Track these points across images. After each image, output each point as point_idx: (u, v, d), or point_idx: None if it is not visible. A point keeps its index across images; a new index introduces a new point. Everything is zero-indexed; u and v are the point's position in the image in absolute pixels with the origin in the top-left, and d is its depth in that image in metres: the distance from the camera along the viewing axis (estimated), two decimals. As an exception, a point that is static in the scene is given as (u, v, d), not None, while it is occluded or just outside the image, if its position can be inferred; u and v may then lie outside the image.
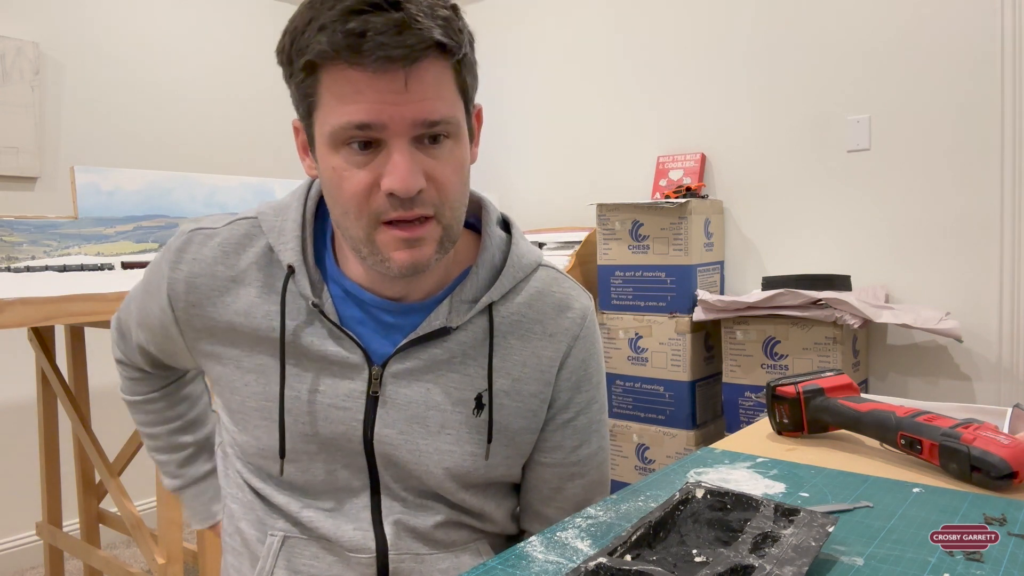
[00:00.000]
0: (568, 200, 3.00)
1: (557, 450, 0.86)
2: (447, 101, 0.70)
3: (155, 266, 0.85)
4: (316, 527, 0.79)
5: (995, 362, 2.14)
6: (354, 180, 0.69)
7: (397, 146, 0.68)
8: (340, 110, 0.67)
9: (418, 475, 0.79)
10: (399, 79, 0.66)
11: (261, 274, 0.79)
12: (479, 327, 0.80)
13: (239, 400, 0.80)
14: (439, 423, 0.79)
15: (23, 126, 2.49)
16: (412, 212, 0.70)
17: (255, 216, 0.82)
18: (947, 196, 2.19)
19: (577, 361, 0.84)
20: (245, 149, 3.09)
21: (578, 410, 0.86)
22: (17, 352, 2.40)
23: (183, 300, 0.80)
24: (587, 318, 0.85)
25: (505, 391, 0.81)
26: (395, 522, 0.79)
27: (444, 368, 0.79)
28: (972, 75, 2.13)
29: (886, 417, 0.88)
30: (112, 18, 2.74)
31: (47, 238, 1.80)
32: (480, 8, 3.27)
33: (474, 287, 0.80)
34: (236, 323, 0.79)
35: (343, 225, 0.73)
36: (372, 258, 0.73)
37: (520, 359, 0.81)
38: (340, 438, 0.78)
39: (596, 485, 0.89)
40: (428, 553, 0.80)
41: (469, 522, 0.84)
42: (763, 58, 2.51)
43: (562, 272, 0.88)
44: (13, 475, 2.50)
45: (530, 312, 0.82)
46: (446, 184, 0.71)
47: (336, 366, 0.78)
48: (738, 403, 2.26)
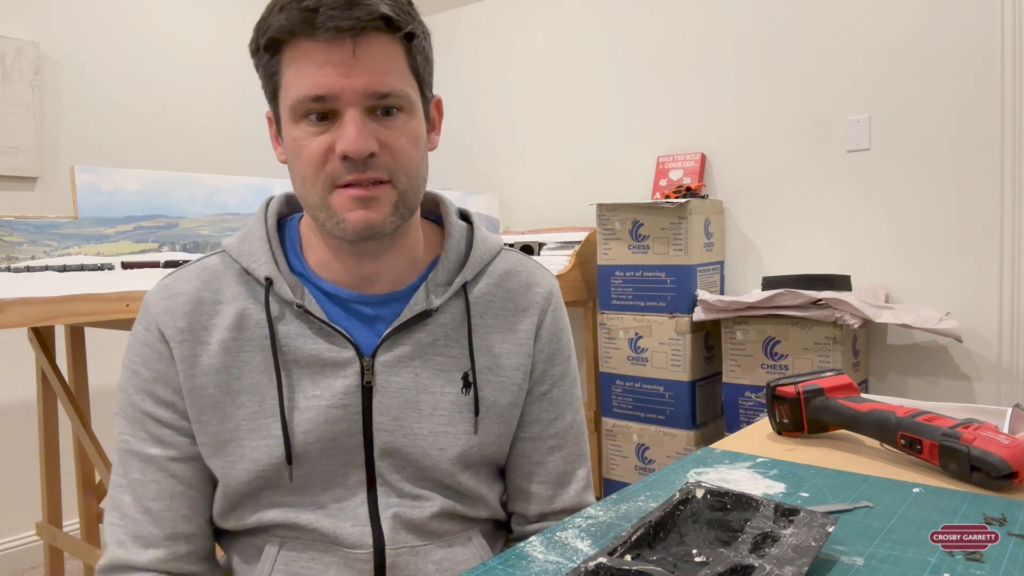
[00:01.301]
0: (568, 200, 3.00)
1: (535, 423, 0.89)
2: (397, 75, 0.74)
3: (137, 327, 0.82)
4: (315, 527, 0.80)
5: (995, 362, 2.14)
6: (311, 147, 0.74)
7: (350, 113, 0.72)
8: (298, 83, 0.73)
9: (415, 459, 0.81)
10: (347, 49, 0.71)
11: (243, 289, 0.81)
12: (456, 309, 0.84)
13: (231, 427, 0.79)
14: (431, 406, 0.82)
15: (23, 126, 2.49)
16: (365, 175, 0.74)
17: (222, 251, 0.85)
18: (947, 196, 2.19)
19: (549, 333, 0.89)
20: (245, 149, 3.09)
21: (552, 382, 0.90)
22: (17, 352, 2.40)
23: (171, 328, 0.79)
24: (553, 293, 0.91)
25: (489, 367, 0.85)
26: (392, 516, 0.81)
27: (430, 352, 0.83)
28: (972, 75, 2.13)
29: (886, 417, 0.88)
30: (112, 18, 2.74)
31: (47, 238, 1.80)
32: (480, 8, 3.27)
33: (446, 271, 0.85)
34: (227, 340, 0.79)
35: (301, 194, 0.78)
36: (329, 222, 0.76)
37: (498, 335, 0.86)
38: (342, 434, 0.80)
39: (575, 457, 0.92)
40: (423, 545, 0.82)
41: (463, 511, 0.85)
42: (763, 58, 2.51)
43: (524, 255, 0.93)
44: (13, 475, 2.50)
45: (499, 291, 0.87)
46: (399, 150, 0.75)
47: (329, 366, 0.80)
48: (738, 403, 2.26)
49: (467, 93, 3.31)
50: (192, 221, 2.10)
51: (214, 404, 0.79)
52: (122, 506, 0.80)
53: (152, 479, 0.80)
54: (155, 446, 0.80)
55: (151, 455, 0.80)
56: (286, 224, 0.88)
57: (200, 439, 0.80)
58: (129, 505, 0.80)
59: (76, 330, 2.04)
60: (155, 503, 0.80)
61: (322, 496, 0.81)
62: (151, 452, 0.80)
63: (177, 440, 0.80)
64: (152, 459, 0.80)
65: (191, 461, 0.81)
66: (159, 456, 0.80)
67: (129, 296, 1.64)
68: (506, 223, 3.22)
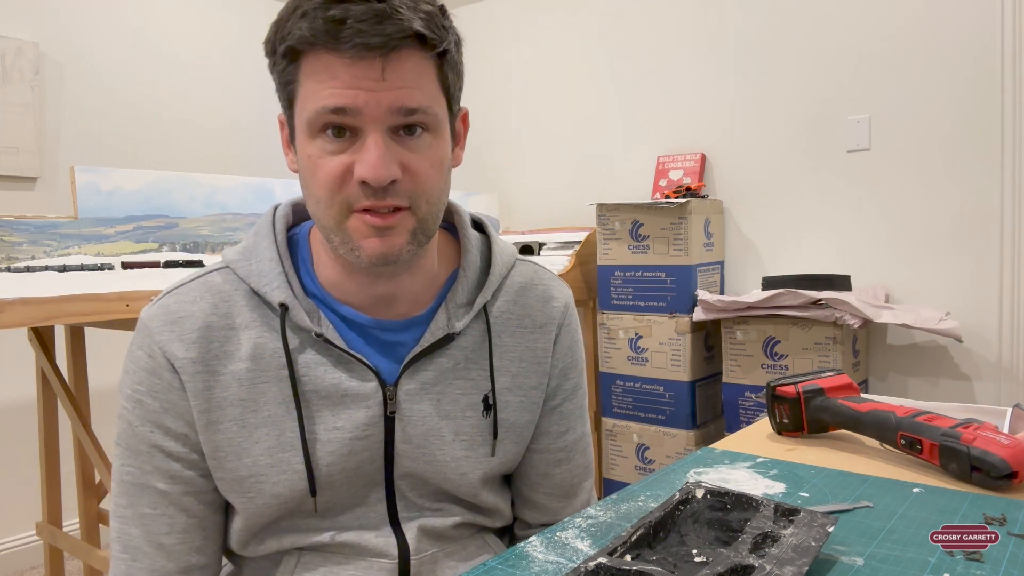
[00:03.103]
0: (568, 200, 3.00)
1: (544, 436, 0.88)
2: (426, 92, 0.69)
3: (137, 352, 0.75)
4: (338, 541, 0.78)
5: (995, 362, 2.14)
6: (328, 167, 0.69)
7: (372, 134, 0.67)
8: (317, 95, 0.67)
9: (436, 483, 0.80)
10: (376, 67, 0.66)
11: (256, 315, 0.76)
12: (476, 330, 0.81)
13: (249, 463, 0.75)
14: (453, 431, 0.80)
15: (23, 126, 2.49)
16: (384, 202, 0.69)
17: (225, 266, 0.78)
18: (947, 196, 2.19)
19: (564, 348, 0.87)
20: (245, 149, 3.09)
21: (565, 396, 0.88)
22: (17, 352, 2.40)
23: (182, 358, 0.73)
24: (569, 307, 0.89)
25: (508, 388, 0.83)
26: (416, 527, 0.80)
27: (451, 376, 0.80)
28: (972, 75, 2.13)
29: (886, 417, 0.88)
30: (112, 18, 2.74)
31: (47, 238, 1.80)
32: (480, 8, 3.27)
33: (465, 290, 0.81)
34: (241, 372, 0.74)
35: (316, 214, 0.73)
36: (343, 247, 0.71)
37: (516, 354, 0.84)
38: (365, 463, 0.78)
39: (581, 469, 0.91)
40: (443, 550, 0.82)
41: (482, 521, 0.85)
42: (763, 58, 2.51)
43: (538, 264, 0.90)
44: (13, 475, 2.50)
45: (517, 308, 0.84)
46: (422, 176, 0.70)
47: (350, 396, 0.76)
48: (738, 403, 2.26)
49: (467, 93, 3.30)
50: (192, 221, 2.10)
51: (230, 440, 0.74)
52: (130, 540, 0.75)
53: (163, 513, 0.75)
54: (165, 480, 0.75)
55: (161, 489, 0.75)
56: (296, 238, 0.82)
57: (216, 474, 0.76)
58: (139, 539, 0.75)
59: (76, 330, 2.04)
60: (167, 537, 0.75)
61: (342, 516, 0.79)
62: (161, 487, 0.75)
63: (188, 474, 0.76)
64: (163, 493, 0.75)
65: (202, 493, 0.77)
66: (170, 491, 0.75)
67: (129, 296, 1.64)
68: (506, 223, 3.22)
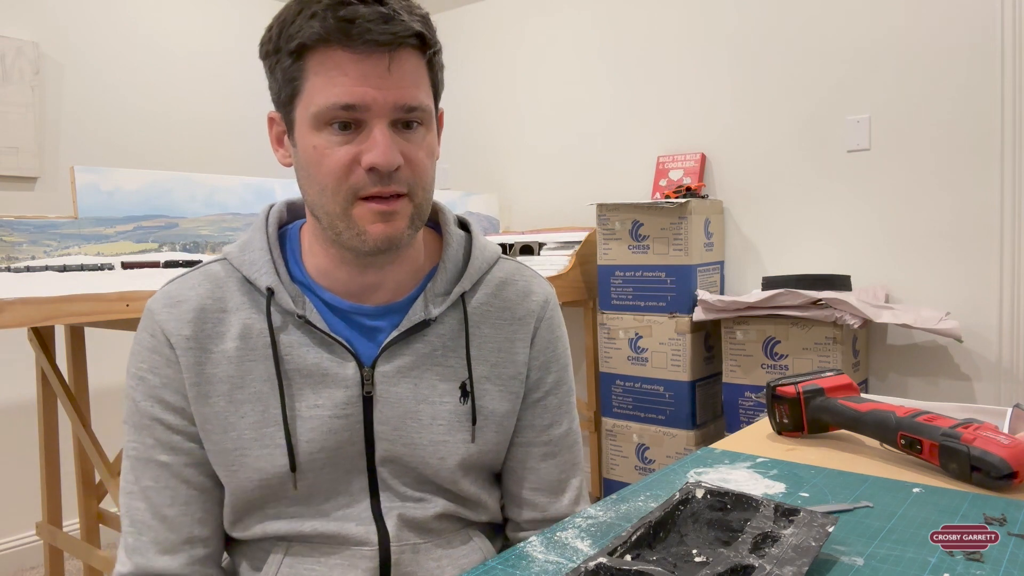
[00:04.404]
0: (568, 200, 3.00)
1: (528, 429, 0.90)
2: (423, 91, 0.77)
3: (142, 335, 0.82)
4: (320, 532, 0.81)
5: (995, 362, 2.14)
6: (334, 157, 0.74)
7: (378, 126, 0.74)
8: (327, 91, 0.73)
9: (415, 467, 0.82)
10: (383, 63, 0.72)
11: (246, 299, 0.82)
12: (454, 319, 0.85)
13: (235, 436, 0.79)
14: (430, 415, 0.83)
15: (23, 126, 2.49)
16: (389, 188, 0.75)
17: (223, 258, 0.85)
18: (947, 195, 2.19)
19: (544, 341, 0.90)
20: (245, 149, 3.09)
21: (547, 390, 0.90)
22: (17, 352, 2.40)
23: (177, 335, 0.79)
24: (549, 302, 0.92)
25: (486, 377, 0.86)
26: (396, 516, 0.82)
27: (428, 362, 0.83)
28: (972, 75, 2.13)
29: (886, 417, 0.88)
30: (112, 18, 2.74)
31: (47, 238, 1.80)
32: (480, 8, 3.27)
33: (444, 280, 0.85)
34: (231, 351, 0.79)
35: (319, 203, 0.77)
36: (348, 232, 0.76)
37: (495, 345, 0.87)
38: (344, 443, 0.81)
39: (569, 465, 0.92)
40: (425, 542, 0.83)
41: (464, 513, 0.86)
42: (763, 58, 2.51)
43: (522, 263, 0.94)
44: (13, 475, 2.50)
45: (497, 301, 0.88)
46: (419, 164, 0.77)
47: (330, 376, 0.80)
48: (738, 403, 2.26)
49: (468, 93, 3.31)
50: (192, 221, 2.10)
51: (218, 413, 0.79)
52: (136, 513, 0.80)
53: (165, 485, 0.80)
54: (166, 452, 0.80)
55: (163, 461, 0.80)
56: (287, 232, 0.88)
57: (207, 446, 0.80)
58: (143, 512, 0.79)
59: (76, 330, 2.04)
60: (170, 509, 0.79)
61: (326, 505, 0.81)
62: (162, 459, 0.80)
63: (188, 446, 0.80)
64: (164, 465, 0.80)
65: (202, 465, 0.81)
66: (171, 462, 0.80)
67: (129, 296, 1.64)
68: (506, 223, 3.22)
